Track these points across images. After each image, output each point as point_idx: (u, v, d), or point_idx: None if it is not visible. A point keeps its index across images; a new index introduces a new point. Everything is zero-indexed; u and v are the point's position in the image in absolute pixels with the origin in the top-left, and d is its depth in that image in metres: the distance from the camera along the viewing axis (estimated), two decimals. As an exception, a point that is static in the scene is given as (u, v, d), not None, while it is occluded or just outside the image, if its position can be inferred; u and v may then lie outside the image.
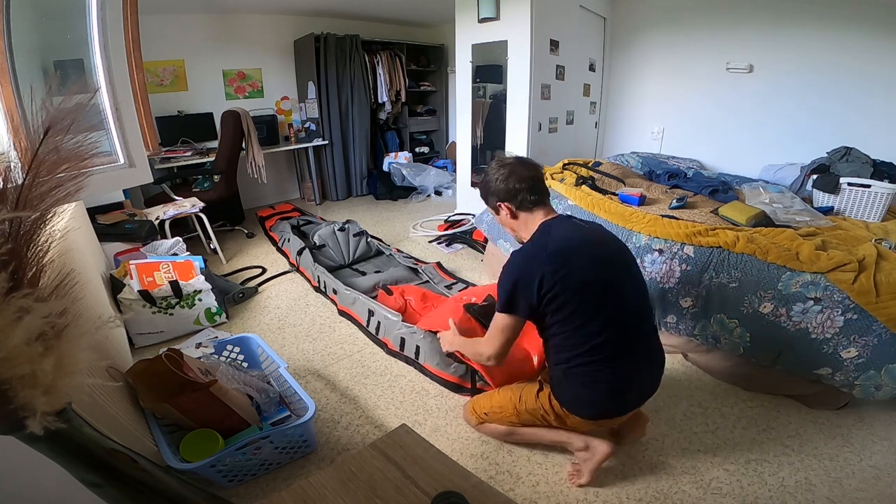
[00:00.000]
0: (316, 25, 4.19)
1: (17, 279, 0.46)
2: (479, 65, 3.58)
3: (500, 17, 3.21)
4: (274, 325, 2.29)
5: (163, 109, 3.63)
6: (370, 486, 0.68)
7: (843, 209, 2.25)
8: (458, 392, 1.76)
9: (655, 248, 1.91)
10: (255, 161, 3.55)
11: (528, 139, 3.34)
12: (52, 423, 0.45)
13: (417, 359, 1.90)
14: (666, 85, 3.79)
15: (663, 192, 2.61)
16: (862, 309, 1.48)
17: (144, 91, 1.77)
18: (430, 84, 5.34)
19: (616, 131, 4.29)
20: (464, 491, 0.65)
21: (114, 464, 0.54)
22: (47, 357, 0.44)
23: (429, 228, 3.71)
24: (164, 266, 2.15)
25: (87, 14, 1.49)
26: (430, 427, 1.61)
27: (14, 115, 1.20)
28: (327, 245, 2.93)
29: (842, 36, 2.84)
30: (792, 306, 1.59)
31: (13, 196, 0.48)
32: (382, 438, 0.78)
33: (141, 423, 1.33)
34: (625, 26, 3.92)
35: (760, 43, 3.18)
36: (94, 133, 0.59)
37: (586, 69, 3.86)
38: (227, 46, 4.02)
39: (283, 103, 4.44)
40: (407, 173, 4.57)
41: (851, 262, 1.54)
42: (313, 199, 4.58)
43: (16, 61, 1.30)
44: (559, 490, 1.35)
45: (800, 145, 3.06)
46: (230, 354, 1.76)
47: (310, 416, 1.37)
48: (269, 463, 1.39)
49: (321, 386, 1.83)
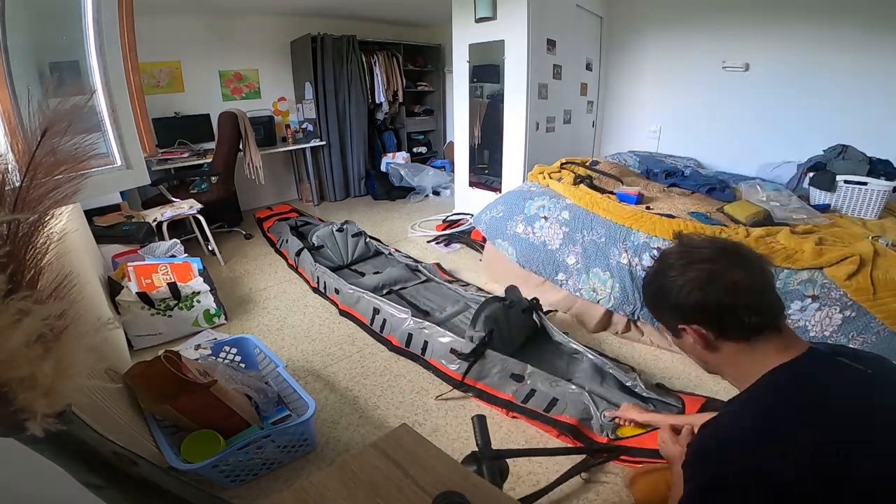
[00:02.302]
0: (312, 26, 4.19)
1: (15, 281, 0.46)
2: (476, 65, 3.58)
3: (496, 16, 3.21)
4: (273, 327, 2.29)
5: (159, 111, 3.62)
6: (371, 486, 0.68)
7: (840, 207, 2.26)
8: (458, 388, 1.76)
9: (654, 246, 1.92)
10: (252, 162, 3.55)
11: (526, 139, 3.34)
12: (52, 425, 0.45)
13: (424, 354, 1.90)
14: (663, 84, 3.80)
15: (661, 190, 2.62)
16: (860, 306, 1.49)
17: (141, 92, 1.77)
18: (428, 84, 5.34)
19: (613, 130, 4.30)
20: (465, 490, 0.65)
21: (115, 466, 0.54)
22: (47, 359, 0.44)
23: (427, 228, 3.71)
24: (163, 268, 2.15)
25: (83, 15, 1.49)
26: (430, 427, 1.61)
27: (11, 117, 1.20)
28: (326, 246, 2.93)
29: (838, 34, 2.85)
30: (790, 305, 1.60)
31: (11, 198, 0.48)
32: (383, 438, 0.78)
33: (141, 424, 1.33)
34: (621, 25, 3.93)
35: (756, 41, 3.19)
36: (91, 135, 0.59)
37: (583, 68, 3.87)
38: (223, 47, 4.01)
39: (281, 104, 4.44)
40: (405, 173, 4.57)
41: (854, 256, 1.54)
42: (311, 200, 4.57)
43: (11, 63, 1.29)
44: (559, 489, 1.35)
45: (796, 143, 3.07)
46: (227, 356, 1.75)
47: (310, 414, 1.37)
48: (271, 462, 1.39)
49: (321, 386, 1.83)
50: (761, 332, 0.72)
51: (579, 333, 2.16)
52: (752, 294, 0.72)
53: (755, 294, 0.72)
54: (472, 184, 3.95)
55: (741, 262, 0.74)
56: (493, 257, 2.72)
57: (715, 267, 0.73)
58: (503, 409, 1.66)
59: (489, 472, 0.90)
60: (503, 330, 1.83)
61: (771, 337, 0.72)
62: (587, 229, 2.15)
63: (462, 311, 2.23)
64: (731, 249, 0.76)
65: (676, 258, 0.78)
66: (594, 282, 2.10)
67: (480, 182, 3.90)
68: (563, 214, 2.27)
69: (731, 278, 0.72)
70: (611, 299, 2.05)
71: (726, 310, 0.72)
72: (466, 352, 1.74)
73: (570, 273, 2.21)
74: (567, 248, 2.22)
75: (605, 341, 2.11)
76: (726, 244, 0.78)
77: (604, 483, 1.37)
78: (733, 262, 0.74)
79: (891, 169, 2.31)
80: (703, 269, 0.74)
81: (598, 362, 1.77)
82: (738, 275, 0.72)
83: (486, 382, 1.71)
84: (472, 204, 3.86)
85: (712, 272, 0.73)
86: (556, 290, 2.32)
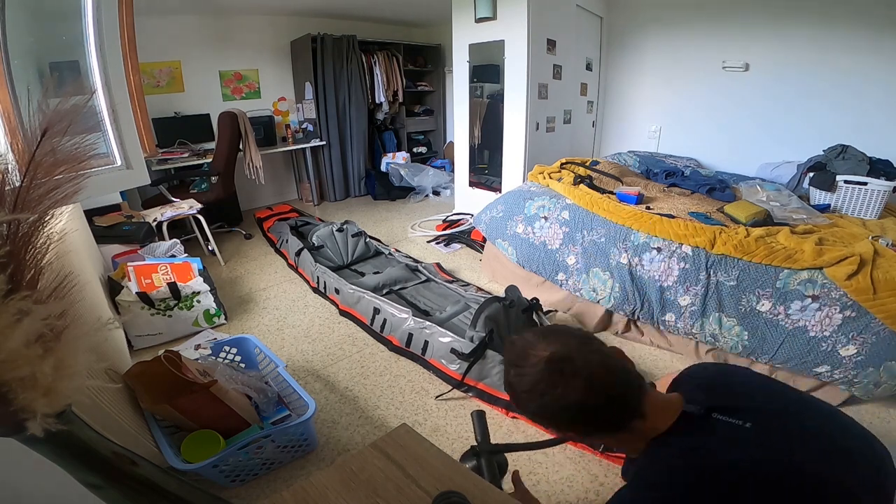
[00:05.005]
0: (312, 26, 4.18)
1: (15, 281, 0.46)
2: (476, 64, 3.58)
3: (496, 16, 3.21)
4: (273, 327, 2.29)
5: (160, 111, 3.61)
6: (371, 486, 0.68)
7: (840, 207, 2.26)
8: (458, 388, 1.76)
9: (654, 246, 1.92)
10: (252, 162, 3.55)
11: (526, 139, 3.34)
12: (52, 424, 0.45)
13: (424, 354, 1.90)
14: (663, 84, 3.80)
15: (661, 190, 2.62)
16: (860, 306, 1.49)
17: (141, 92, 1.77)
18: (428, 84, 5.34)
19: (613, 130, 4.30)
20: (465, 490, 0.65)
21: (115, 465, 0.54)
22: (47, 359, 0.44)
23: (427, 228, 3.70)
24: (163, 268, 2.15)
25: (83, 16, 1.48)
26: (430, 427, 1.61)
27: (11, 117, 1.20)
28: (326, 246, 2.93)
29: (838, 34, 2.85)
30: (790, 304, 1.60)
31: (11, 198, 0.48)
32: (383, 438, 0.78)
33: (141, 424, 1.33)
34: (621, 25, 3.93)
35: (756, 42, 3.19)
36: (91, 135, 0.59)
37: (583, 68, 3.87)
38: (223, 47, 4.01)
39: (281, 104, 4.44)
40: (405, 173, 4.57)
41: (854, 256, 1.54)
42: (311, 200, 4.57)
43: (11, 63, 1.29)
44: (559, 489, 1.35)
45: (796, 143, 3.07)
46: (227, 355, 1.75)
47: (310, 414, 1.37)
48: (271, 462, 1.39)
49: (321, 386, 1.83)
50: (637, 412, 0.72)
51: (579, 333, 2.16)
52: (614, 391, 0.71)
53: (619, 391, 0.72)
54: (472, 184, 3.95)
55: (574, 375, 0.70)
56: (493, 257, 2.72)
57: (557, 377, 0.70)
58: (503, 409, 1.66)
59: (488, 467, 0.90)
60: (503, 330, 1.84)
61: (636, 424, 0.72)
62: (587, 229, 2.15)
63: (462, 311, 2.23)
64: (557, 362, 0.71)
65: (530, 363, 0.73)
66: (594, 282, 2.10)
67: (480, 182, 3.90)
68: (563, 214, 2.27)
69: (575, 385, 0.69)
70: (611, 299, 2.05)
71: (599, 412, 0.71)
72: (467, 352, 1.74)
73: (570, 273, 2.21)
74: (567, 248, 2.22)
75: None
76: (552, 354, 0.72)
77: (603, 484, 1.37)
78: (566, 378, 0.70)
79: (891, 169, 2.31)
80: (552, 379, 0.70)
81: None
82: (576, 394, 0.69)
83: (487, 382, 1.71)
84: (472, 204, 3.86)
85: (555, 382, 0.70)
86: (556, 290, 2.32)
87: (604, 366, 0.72)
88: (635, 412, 0.72)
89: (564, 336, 0.76)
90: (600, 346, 0.76)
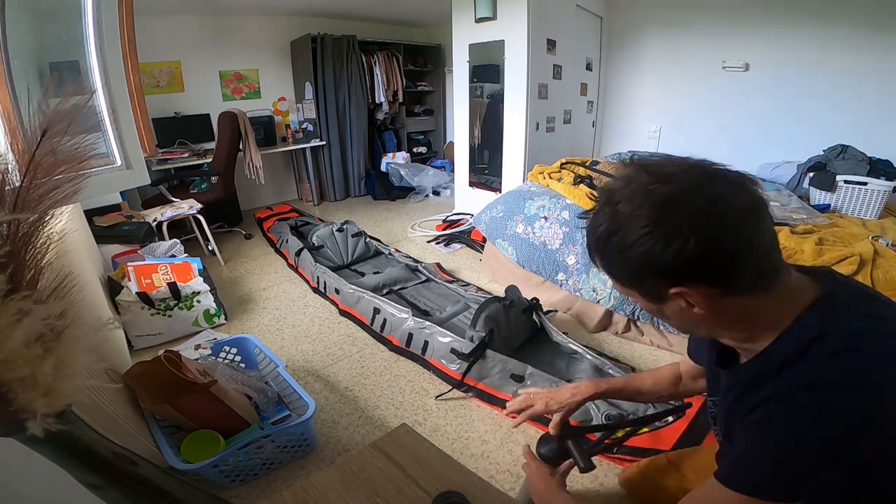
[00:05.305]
0: (312, 26, 4.18)
1: (15, 281, 0.46)
2: (476, 64, 3.58)
3: (496, 16, 3.21)
4: (273, 327, 2.29)
5: (159, 111, 3.61)
6: (371, 486, 0.68)
7: (840, 207, 2.26)
8: (458, 388, 1.76)
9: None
10: (252, 162, 3.55)
11: (526, 139, 3.34)
12: (52, 424, 0.45)
13: (424, 354, 1.90)
14: (662, 84, 3.80)
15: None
16: (859, 305, 1.49)
17: (141, 92, 1.77)
18: (428, 84, 5.34)
19: (613, 130, 4.30)
20: (465, 490, 0.65)
21: (114, 465, 0.54)
22: (47, 359, 0.44)
23: (427, 228, 3.70)
24: (163, 268, 2.15)
25: (83, 16, 1.49)
26: (430, 427, 1.61)
27: (11, 117, 1.20)
28: (326, 246, 2.93)
29: (837, 34, 2.85)
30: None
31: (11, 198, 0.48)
32: (383, 438, 0.78)
33: (141, 424, 1.33)
34: (621, 25, 3.93)
35: (756, 41, 3.19)
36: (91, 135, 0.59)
37: (583, 68, 3.87)
38: (223, 47, 4.01)
39: (281, 104, 4.44)
40: (405, 173, 4.57)
41: (854, 256, 1.54)
42: (311, 200, 4.57)
43: (11, 63, 1.29)
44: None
45: (796, 143, 3.07)
46: (227, 355, 1.75)
47: (310, 414, 1.37)
48: (271, 462, 1.39)
49: (321, 387, 1.83)
50: (779, 274, 0.54)
51: (579, 333, 2.16)
52: (760, 228, 0.51)
53: (762, 227, 0.52)
54: (472, 184, 3.95)
55: (732, 185, 0.52)
56: (493, 257, 2.72)
57: (706, 194, 0.51)
58: (503, 409, 1.66)
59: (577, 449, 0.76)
60: (503, 330, 1.84)
61: (787, 275, 0.55)
62: (587, 229, 2.15)
63: (462, 311, 2.23)
64: (710, 171, 0.54)
65: (645, 186, 0.52)
66: (594, 282, 2.10)
67: (480, 182, 3.90)
68: (563, 214, 2.27)
69: (731, 212, 0.50)
70: (611, 299, 2.05)
71: (737, 255, 0.51)
72: (467, 352, 1.74)
73: (570, 273, 2.21)
74: (567, 248, 2.22)
75: (606, 341, 2.11)
76: (701, 164, 0.55)
77: (603, 484, 1.36)
78: (725, 187, 0.52)
79: (891, 169, 2.31)
80: (685, 200, 0.50)
81: (597, 363, 1.77)
82: (737, 204, 0.50)
83: (487, 382, 1.71)
84: (472, 204, 3.86)
85: (708, 198, 0.50)
86: (556, 290, 2.32)
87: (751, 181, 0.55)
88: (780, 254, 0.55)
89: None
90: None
